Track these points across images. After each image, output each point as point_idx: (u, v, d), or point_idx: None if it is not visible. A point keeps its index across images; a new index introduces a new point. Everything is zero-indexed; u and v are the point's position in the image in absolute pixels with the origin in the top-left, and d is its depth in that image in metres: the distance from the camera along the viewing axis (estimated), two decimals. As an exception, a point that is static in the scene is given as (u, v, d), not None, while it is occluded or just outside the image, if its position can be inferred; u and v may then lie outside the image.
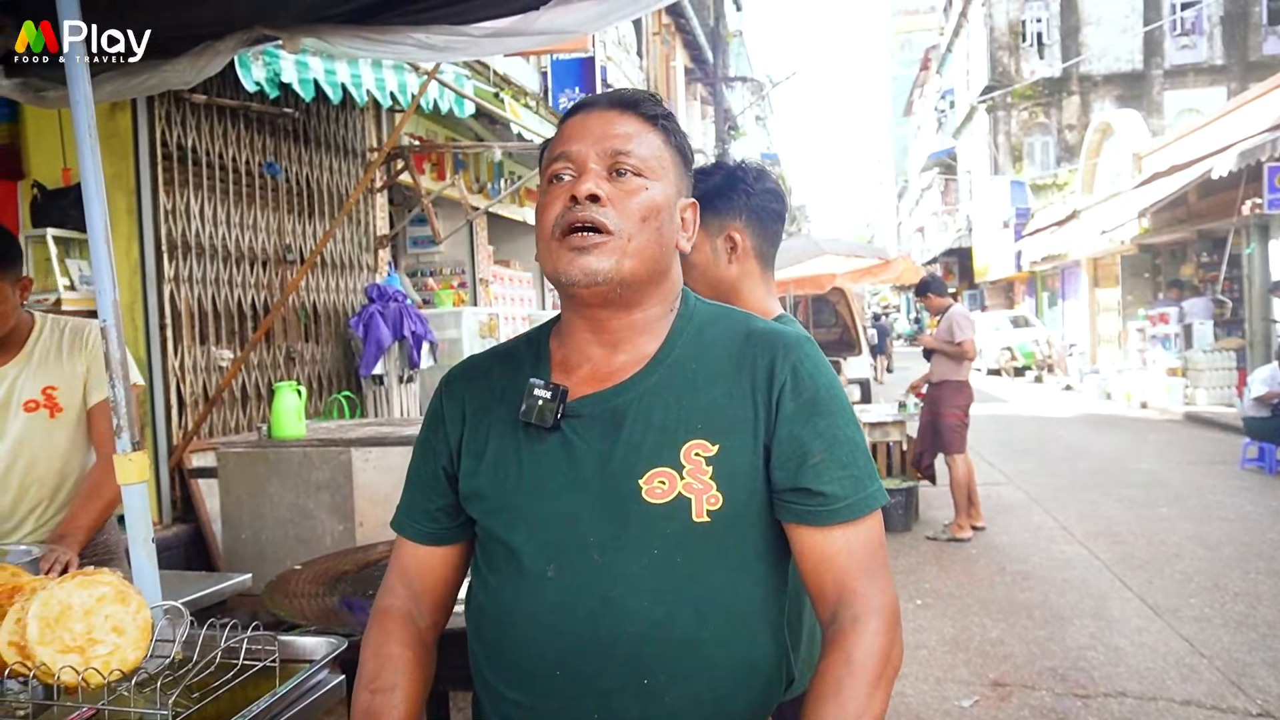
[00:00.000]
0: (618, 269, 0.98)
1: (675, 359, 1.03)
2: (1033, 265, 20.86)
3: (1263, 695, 3.40)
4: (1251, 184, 10.12)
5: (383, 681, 1.04)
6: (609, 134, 1.01)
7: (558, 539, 0.98)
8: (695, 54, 20.85)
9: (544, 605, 0.98)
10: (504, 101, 7.10)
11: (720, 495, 0.96)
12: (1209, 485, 7.42)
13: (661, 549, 0.96)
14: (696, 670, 0.96)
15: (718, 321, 1.07)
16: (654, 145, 1.03)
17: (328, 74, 4.69)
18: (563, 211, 0.99)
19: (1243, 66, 22.78)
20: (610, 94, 1.07)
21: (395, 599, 1.11)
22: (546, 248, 1.02)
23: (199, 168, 4.85)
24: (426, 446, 1.13)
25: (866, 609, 0.95)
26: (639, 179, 1.01)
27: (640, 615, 0.95)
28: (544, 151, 1.08)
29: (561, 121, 1.07)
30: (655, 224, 1.01)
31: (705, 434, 0.97)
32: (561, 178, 1.02)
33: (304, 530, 3.71)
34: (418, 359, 6.15)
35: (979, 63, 26.19)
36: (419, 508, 1.12)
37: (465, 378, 1.13)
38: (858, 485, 0.99)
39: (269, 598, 1.74)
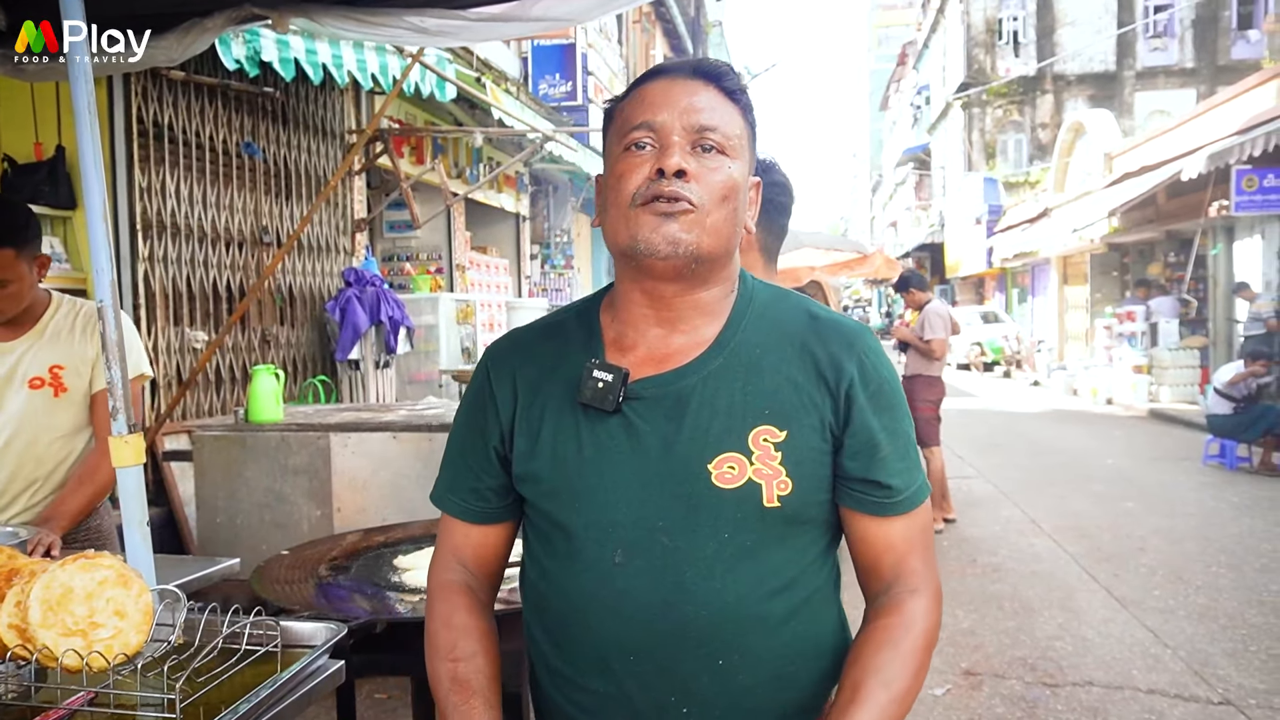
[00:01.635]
0: (698, 243, 0.96)
1: (739, 342, 1.02)
2: (1004, 262, 21.12)
3: (1223, 684, 3.49)
4: (1219, 186, 10.32)
5: (461, 650, 1.04)
6: (694, 106, 0.98)
7: (623, 524, 0.97)
8: (675, 43, 20.80)
9: (613, 592, 0.97)
10: (485, 86, 7.04)
11: (790, 481, 0.96)
12: (1172, 481, 7.59)
13: (732, 533, 0.96)
14: (768, 649, 0.98)
15: (778, 304, 1.06)
16: (735, 122, 1.01)
17: (309, 53, 4.63)
18: (646, 183, 0.96)
19: (1212, 70, 23.17)
20: (693, 63, 1.03)
21: (452, 573, 1.11)
22: (622, 215, 0.98)
23: (176, 146, 4.77)
24: (473, 424, 1.10)
25: (923, 585, 1.01)
26: (722, 156, 0.98)
27: (713, 598, 0.96)
28: (612, 112, 1.04)
29: (638, 84, 1.03)
30: (733, 203, 0.99)
31: (773, 419, 0.97)
32: (642, 146, 0.98)
33: (280, 515, 3.68)
34: (394, 344, 6.11)
35: (955, 59, 26.39)
36: (465, 485, 1.09)
37: (512, 352, 1.09)
38: (913, 477, 1.02)
39: (257, 583, 1.73)
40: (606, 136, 1.05)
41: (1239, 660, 3.73)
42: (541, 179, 12.07)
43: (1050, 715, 3.27)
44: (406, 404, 5.03)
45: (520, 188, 10.85)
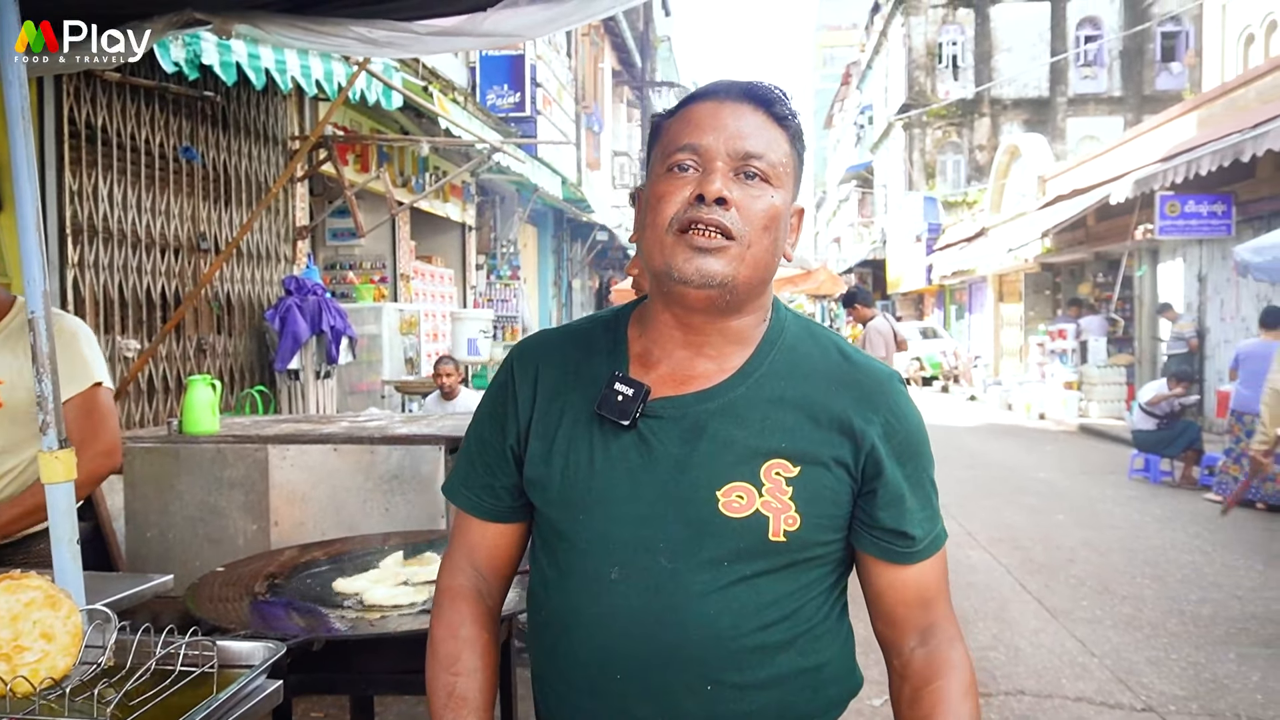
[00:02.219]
0: (734, 275, 0.95)
1: (764, 373, 1.01)
2: (942, 279, 21.66)
3: (1146, 691, 3.62)
4: (1145, 210, 10.75)
5: (464, 664, 1.03)
6: (741, 132, 0.96)
7: (625, 541, 0.97)
8: (623, 57, 20.92)
9: (607, 607, 0.97)
10: (433, 95, 6.99)
11: (798, 517, 0.96)
12: (1100, 494, 7.85)
13: (732, 561, 0.96)
14: (762, 677, 0.97)
15: (808, 339, 1.05)
16: (782, 149, 0.98)
17: (251, 58, 4.54)
18: (685, 208, 0.95)
19: (1138, 99, 24.19)
20: (744, 86, 1.00)
21: (463, 577, 1.09)
22: (658, 240, 0.97)
23: (109, 148, 4.64)
24: (493, 420, 1.08)
25: (954, 632, 1.04)
26: (765, 185, 0.96)
27: (707, 623, 0.95)
28: (659, 127, 1.02)
29: (686, 103, 1.01)
30: (774, 233, 0.98)
31: (788, 455, 0.97)
32: (684, 168, 0.96)
33: (215, 530, 3.58)
34: (336, 354, 6.01)
35: (897, 81, 27.05)
36: (480, 482, 1.08)
37: (538, 354, 1.08)
38: (933, 525, 1.04)
39: (191, 601, 1.68)
40: (650, 150, 1.04)
41: (1161, 668, 3.87)
42: (488, 189, 12.01)
43: (984, 724, 3.35)
44: (348, 415, 4.94)
45: (467, 197, 10.78)
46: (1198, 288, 11.47)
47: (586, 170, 16.29)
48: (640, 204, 1.03)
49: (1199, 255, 11.40)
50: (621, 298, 17.20)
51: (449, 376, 5.79)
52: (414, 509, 3.38)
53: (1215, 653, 4.03)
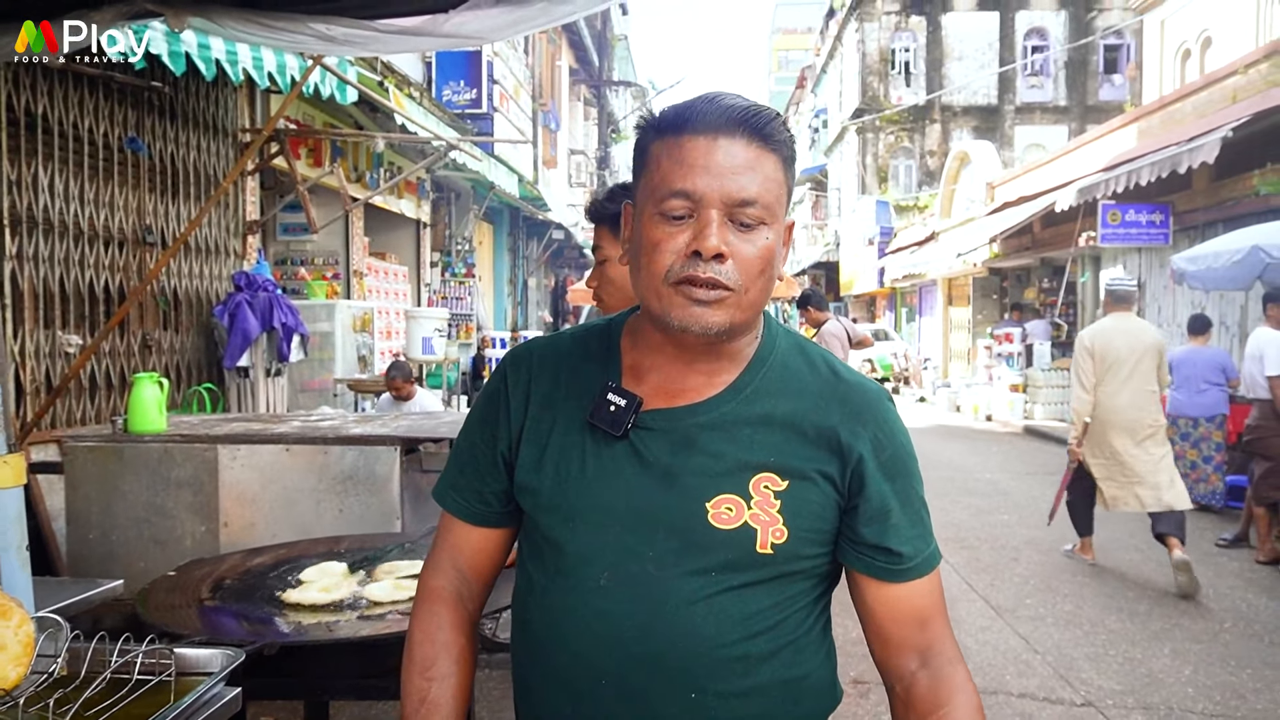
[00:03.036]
0: (730, 322, 0.96)
1: (754, 390, 1.02)
2: (894, 282, 22.02)
3: (1086, 687, 3.74)
4: (1088, 218, 11.07)
5: (439, 669, 1.04)
6: (735, 169, 0.94)
7: (614, 548, 0.98)
8: (581, 55, 20.88)
9: (593, 613, 0.98)
10: (388, 90, 6.91)
11: (785, 530, 0.97)
12: (1044, 494, 8.06)
13: (719, 572, 0.97)
14: (744, 687, 0.98)
15: (800, 357, 1.06)
16: (776, 180, 0.97)
17: (201, 48, 4.44)
18: (681, 261, 0.94)
19: (1082, 108, 24.88)
20: (737, 114, 0.96)
21: (445, 579, 1.10)
22: (654, 289, 0.97)
23: (50, 137, 4.50)
24: (485, 427, 1.09)
25: (955, 653, 1.04)
26: (761, 227, 0.96)
27: (692, 631, 0.96)
28: (645, 146, 1.00)
29: (677, 128, 0.96)
30: (770, 272, 0.98)
31: (777, 469, 0.98)
32: (679, 217, 0.95)
33: (161, 531, 3.50)
34: (287, 352, 5.90)
35: (851, 86, 27.42)
36: (470, 487, 1.09)
37: (531, 361, 1.09)
38: (924, 543, 1.04)
39: (143, 606, 1.65)
40: (637, 166, 1.02)
41: (1099, 664, 4.00)
42: (444, 185, 11.90)
43: (931, 720, 3.43)
44: (300, 414, 4.87)
45: (421, 194, 10.66)
46: (1137, 294, 11.84)
47: (543, 168, 16.23)
48: (631, 229, 1.02)
49: (1138, 262, 11.77)
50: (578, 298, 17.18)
51: (399, 390, 5.69)
52: (368, 510, 3.35)
53: (1151, 648, 4.18)
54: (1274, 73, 9.24)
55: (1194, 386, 7.01)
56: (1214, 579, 5.28)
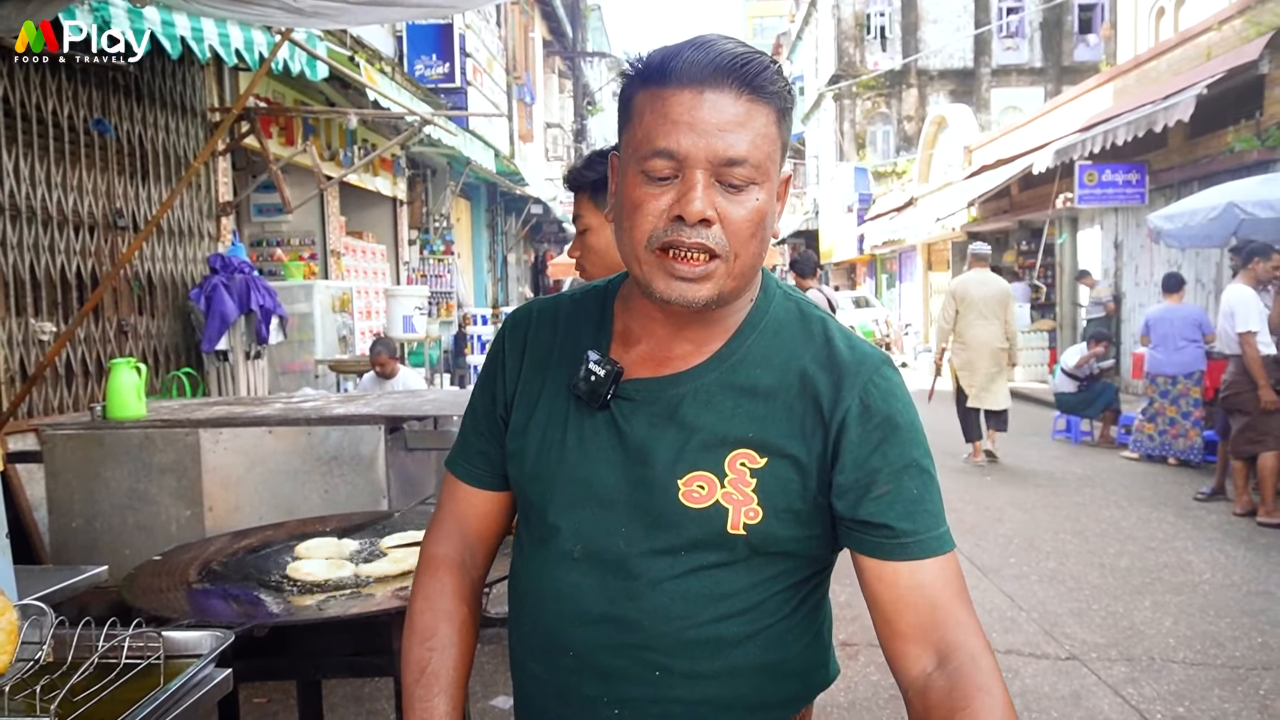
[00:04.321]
0: (719, 292, 0.91)
1: (739, 358, 0.97)
2: (873, 249, 22.06)
3: (1070, 641, 3.81)
4: (1065, 180, 11.10)
5: (440, 639, 1.02)
6: (723, 125, 0.87)
7: (588, 521, 0.96)
8: (554, 26, 20.61)
9: (566, 584, 0.97)
10: (359, 66, 6.79)
11: (760, 510, 0.92)
12: (1024, 454, 8.16)
13: (689, 550, 0.93)
14: (713, 669, 0.95)
15: (794, 322, 1.00)
16: (769, 136, 0.90)
17: (165, 25, 4.32)
18: (664, 225, 0.89)
19: (1057, 70, 24.87)
20: (725, 62, 0.87)
21: (448, 546, 1.09)
22: (636, 254, 0.92)
23: (13, 120, 4.39)
24: (485, 390, 1.08)
25: (978, 646, 0.90)
26: (751, 187, 0.89)
27: (659, 610, 0.93)
28: (630, 98, 0.93)
29: (661, 78, 0.89)
30: (763, 234, 0.92)
31: (755, 445, 0.93)
32: (662, 178, 0.89)
33: (144, 517, 3.48)
34: (266, 334, 5.84)
35: (827, 52, 27.26)
36: (474, 448, 1.08)
37: (528, 324, 1.07)
38: (928, 521, 0.93)
39: (128, 591, 1.64)
40: (622, 117, 0.95)
41: (1083, 619, 4.07)
42: (419, 162, 11.76)
43: (919, 679, 3.48)
44: (281, 396, 4.83)
45: (397, 171, 10.53)
46: (1114, 254, 11.93)
47: (519, 142, 16.06)
48: (615, 185, 0.97)
49: (1115, 223, 11.84)
50: (559, 272, 17.08)
51: (383, 366, 5.71)
52: (354, 490, 3.34)
53: (1132, 602, 4.26)
54: (1247, 28, 9.26)
55: (1171, 344, 7.09)
56: (1192, 532, 5.37)
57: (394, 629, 1.67)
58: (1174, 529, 5.47)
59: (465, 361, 10.96)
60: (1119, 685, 3.38)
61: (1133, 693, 3.32)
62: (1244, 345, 5.56)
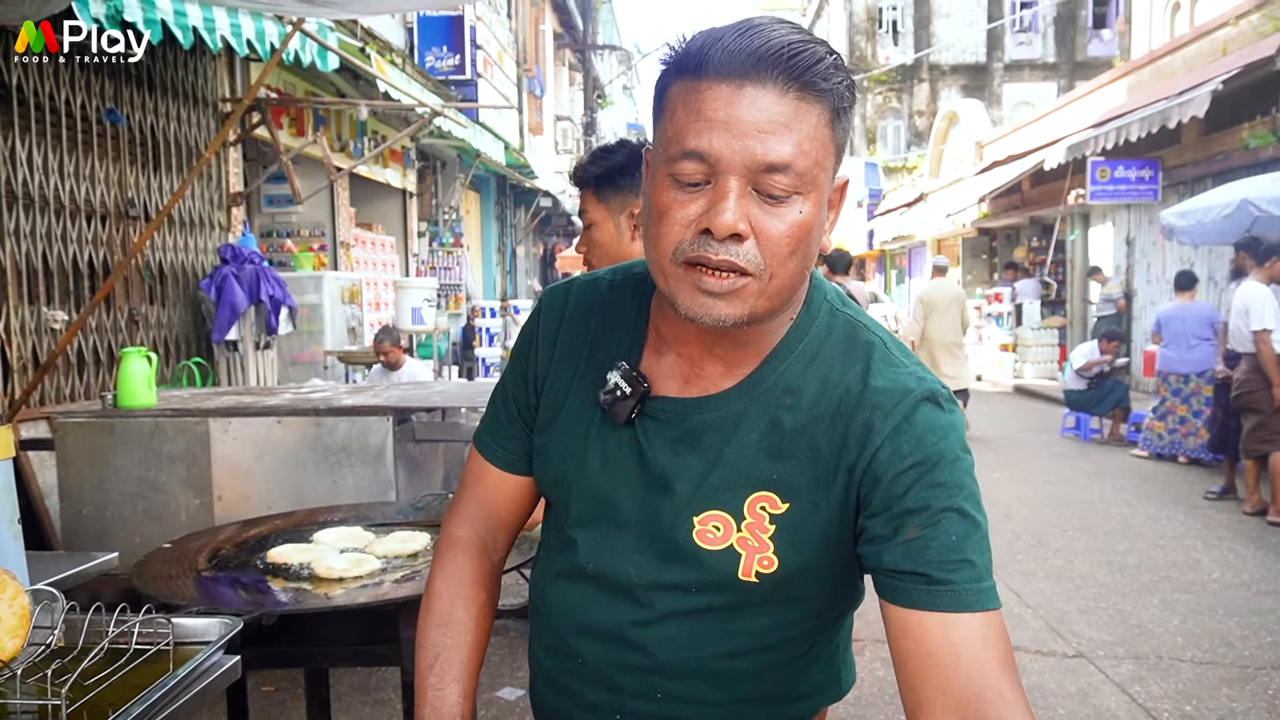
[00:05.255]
0: (750, 313, 0.81)
1: (770, 385, 0.88)
2: (883, 244, 21.99)
3: (1077, 639, 3.80)
4: (1077, 176, 11.04)
5: (457, 625, 1.00)
6: (761, 127, 0.76)
7: (603, 541, 0.94)
8: (564, 19, 20.58)
9: (579, 594, 0.96)
10: (370, 57, 6.79)
11: (776, 559, 0.86)
12: (1033, 451, 8.14)
13: (699, 590, 0.90)
14: (719, 697, 0.93)
15: (836, 344, 0.89)
16: (819, 139, 0.79)
17: (177, 15, 4.34)
18: (691, 240, 0.79)
19: (1071, 65, 24.71)
20: (773, 53, 0.76)
21: (470, 529, 1.05)
22: (661, 265, 0.82)
23: (27, 110, 4.41)
24: (516, 369, 1.02)
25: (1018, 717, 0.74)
26: (795, 199, 0.79)
27: (665, 641, 0.91)
28: (665, 87, 0.82)
29: (698, 69, 0.78)
30: (805, 251, 0.81)
31: (777, 488, 0.86)
32: (692, 184, 0.79)
33: (155, 505, 3.50)
34: (276, 324, 5.86)
35: (838, 46, 27.14)
36: (504, 429, 1.03)
37: (568, 305, 1.00)
38: (967, 571, 0.80)
39: (138, 578, 1.65)
40: (656, 109, 0.85)
41: (1090, 616, 4.06)
42: (429, 154, 11.77)
43: (925, 674, 3.48)
44: (290, 387, 4.85)
45: (407, 163, 10.55)
46: (1126, 251, 11.86)
47: (529, 135, 16.06)
48: (646, 185, 0.87)
49: (1127, 219, 11.77)
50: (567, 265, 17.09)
51: (387, 355, 5.70)
52: (362, 481, 3.35)
53: (1140, 600, 4.24)
54: (1264, 23, 9.17)
55: (1184, 343, 7.05)
56: (1202, 530, 5.35)
57: (401, 618, 1.68)
58: (1183, 527, 5.45)
59: (474, 354, 10.99)
60: (1126, 683, 3.37)
61: (1140, 691, 3.31)
62: (1258, 343, 5.52)
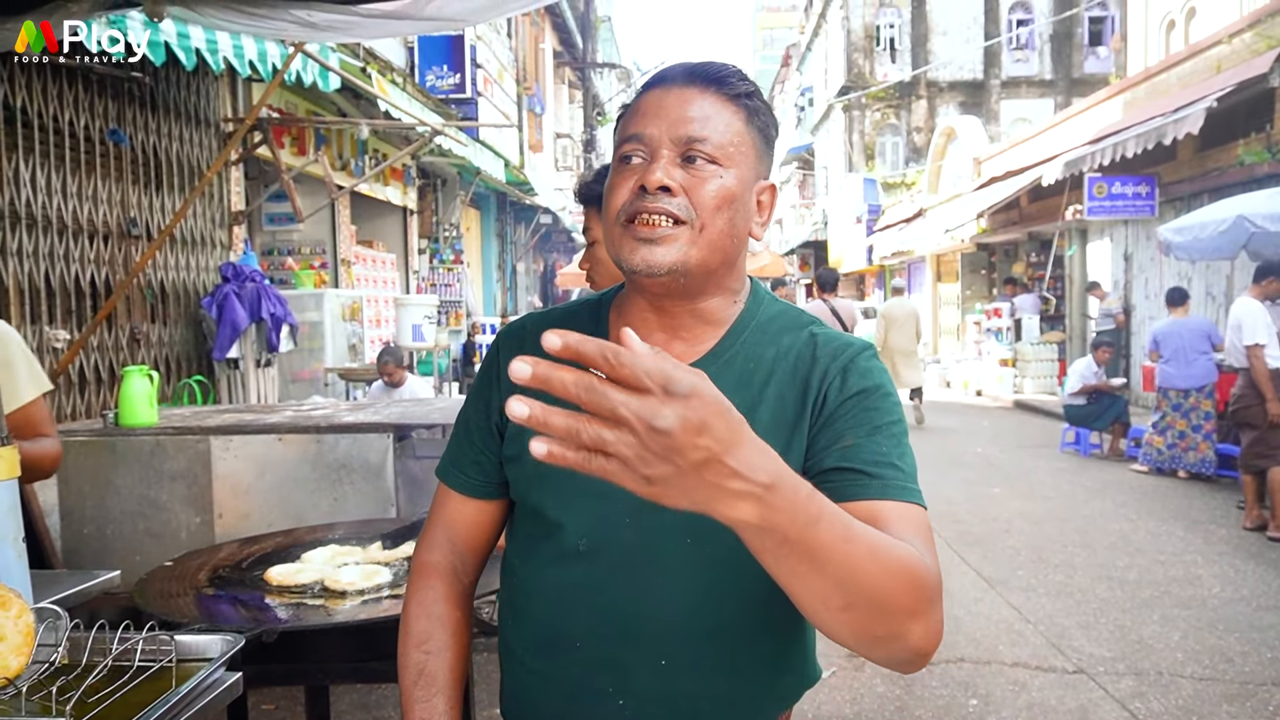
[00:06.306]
0: (684, 260, 0.95)
1: (733, 355, 1.02)
2: (882, 260, 22.04)
3: (1077, 654, 3.79)
4: (1074, 191, 11.09)
5: (435, 643, 1.05)
6: (685, 116, 0.95)
7: (593, 514, 0.98)
8: (564, 37, 20.74)
9: (572, 577, 0.99)
10: (371, 77, 6.85)
11: None
12: (1033, 466, 8.13)
13: (695, 539, 0.96)
14: (717, 659, 0.98)
15: (783, 321, 1.05)
16: (732, 128, 0.97)
17: (180, 37, 4.40)
18: (631, 199, 0.95)
19: (1067, 82, 24.85)
20: (692, 68, 0.99)
21: (439, 554, 1.11)
22: (611, 232, 0.98)
23: (30, 130, 4.46)
24: (480, 398, 1.11)
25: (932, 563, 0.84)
26: (713, 166, 0.95)
27: (666, 600, 0.97)
28: (618, 120, 1.03)
29: (638, 95, 1.01)
30: (728, 213, 0.96)
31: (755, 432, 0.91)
32: (631, 160, 0.97)
33: (155, 524, 3.51)
34: (277, 342, 5.89)
35: (836, 63, 27.32)
36: (468, 458, 1.10)
37: (523, 335, 1.10)
38: (895, 470, 0.92)
39: (140, 596, 1.66)
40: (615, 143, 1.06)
41: (1090, 632, 4.05)
42: (430, 172, 11.84)
43: (926, 691, 3.48)
44: (291, 404, 4.86)
45: (407, 181, 10.61)
46: (1124, 266, 11.89)
47: (529, 152, 16.15)
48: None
49: (1125, 235, 11.81)
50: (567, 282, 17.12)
51: (391, 375, 5.70)
52: (363, 498, 3.36)
53: (1140, 615, 4.23)
54: (1258, 41, 9.25)
55: (1184, 358, 7.06)
56: (1202, 546, 5.34)
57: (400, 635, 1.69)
58: (1183, 543, 5.44)
59: (474, 370, 11.01)
60: (1126, 699, 3.37)
61: (1140, 707, 3.30)
62: (1251, 358, 5.53)
